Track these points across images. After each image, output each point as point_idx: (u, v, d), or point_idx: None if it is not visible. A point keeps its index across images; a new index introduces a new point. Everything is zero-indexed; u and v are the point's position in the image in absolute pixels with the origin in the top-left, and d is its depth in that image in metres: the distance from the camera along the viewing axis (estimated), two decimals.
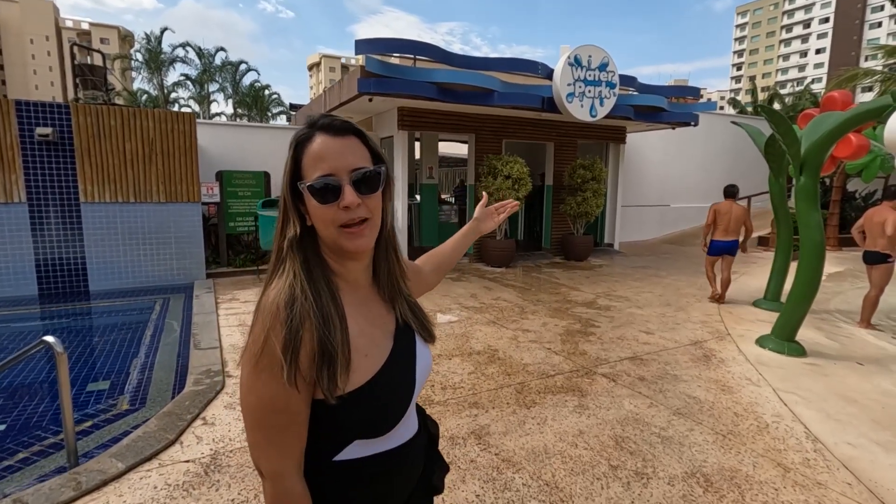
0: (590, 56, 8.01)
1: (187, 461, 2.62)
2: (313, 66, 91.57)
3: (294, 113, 12.49)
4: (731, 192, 6.40)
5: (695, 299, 6.63)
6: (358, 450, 0.86)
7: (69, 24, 74.83)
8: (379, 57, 6.87)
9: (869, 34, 72.70)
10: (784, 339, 4.54)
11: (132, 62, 36.02)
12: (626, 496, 2.39)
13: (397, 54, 7.28)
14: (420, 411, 1.07)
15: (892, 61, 13.31)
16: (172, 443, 2.77)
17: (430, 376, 3.80)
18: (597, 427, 3.06)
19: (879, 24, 71.34)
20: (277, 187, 8.30)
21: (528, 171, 8.52)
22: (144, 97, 36.68)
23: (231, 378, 3.74)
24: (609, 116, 8.63)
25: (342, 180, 0.82)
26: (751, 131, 6.31)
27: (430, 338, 1.02)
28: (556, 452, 2.76)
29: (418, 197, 10.23)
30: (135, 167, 6.68)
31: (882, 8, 71.56)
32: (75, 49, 18.54)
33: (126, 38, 55.01)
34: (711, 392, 3.63)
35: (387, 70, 6.80)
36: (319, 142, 0.83)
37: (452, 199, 12.14)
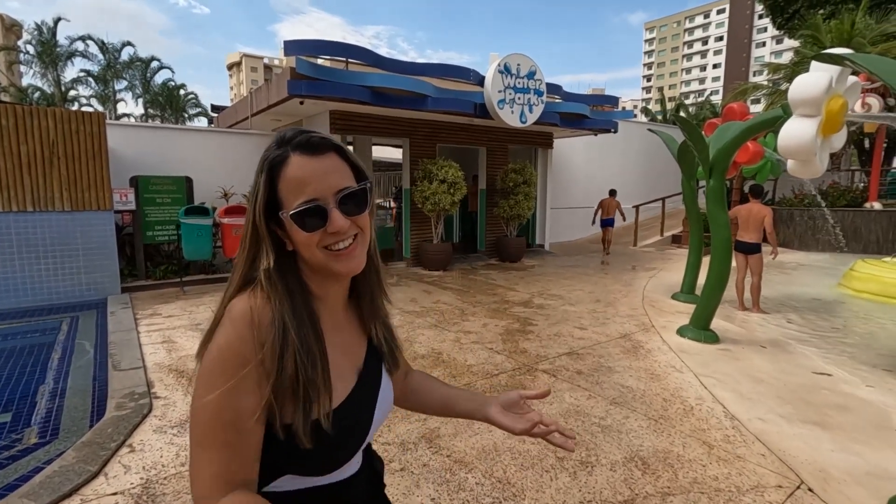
0: (518, 64, 8.31)
1: (115, 493, 2.39)
2: (233, 66, 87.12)
3: (216, 115, 11.83)
4: (612, 192, 10.99)
5: (621, 294, 7.07)
6: (288, 482, 0.80)
7: None
8: (309, 59, 6.69)
9: (756, 52, 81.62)
10: (700, 329, 4.97)
11: (21, 55, 32.25)
12: (573, 485, 2.50)
13: (327, 56, 7.13)
14: (366, 447, 0.98)
15: (776, 76, 15.04)
16: (96, 475, 2.52)
17: None
18: None
19: (764, 44, 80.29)
20: (201, 193, 7.83)
21: (463, 174, 8.67)
22: (37, 94, 33.04)
23: (159, 399, 3.46)
24: (537, 123, 8.99)
25: (328, 204, 0.75)
26: (665, 138, 6.85)
27: (395, 366, 0.97)
28: (505, 449, 2.83)
29: None
30: (32, 172, 6.00)
31: (765, 29, 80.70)
32: None
33: (12, 27, 49.13)
34: (642, 381, 3.89)
35: (318, 72, 6.64)
36: (297, 164, 0.75)
37: (387, 204, 12.06)
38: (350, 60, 7.27)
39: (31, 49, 30.68)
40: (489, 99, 8.13)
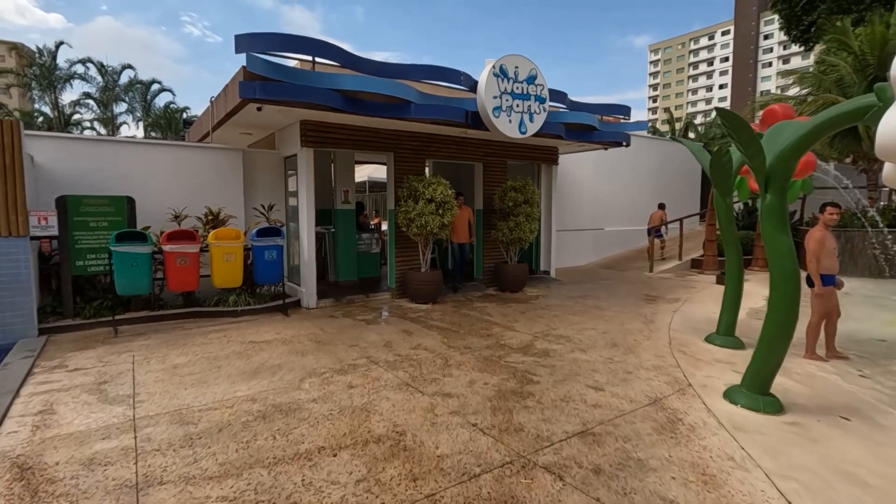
0: (516, 67, 7.26)
1: None
2: None
3: (188, 129, 10.92)
4: (661, 206, 12.83)
5: (642, 336, 5.81)
6: None
7: None
8: (267, 57, 5.66)
9: (762, 72, 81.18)
10: (757, 393, 3.72)
11: (20, 78, 32.04)
12: None
13: (292, 56, 6.12)
14: None
15: (803, 88, 13.84)
16: None
17: (297, 495, 2.54)
18: None
19: (770, 64, 79.83)
20: (147, 216, 6.77)
21: (454, 193, 7.55)
22: (40, 119, 32.80)
23: None
24: (540, 134, 7.90)
25: None
26: (692, 147, 5.72)
27: None
28: None
29: (334, 227, 8.95)
30: None
31: (771, 50, 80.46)
32: None
33: (18, 51, 49.49)
34: (691, 488, 2.63)
35: (275, 72, 5.60)
36: None
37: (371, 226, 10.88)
38: (318, 60, 6.24)
39: (28, 72, 30.40)
40: (483, 106, 7.05)
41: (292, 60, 7.28)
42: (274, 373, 4.47)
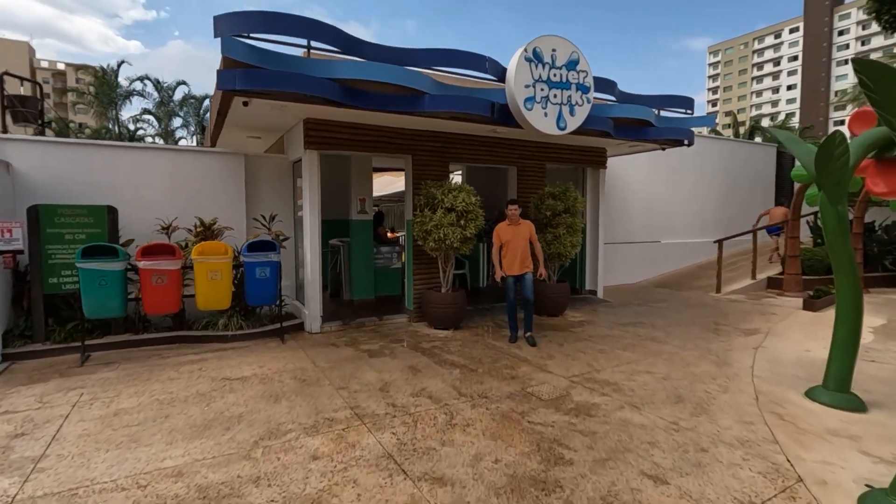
0: (554, 50, 6.09)
1: None
2: None
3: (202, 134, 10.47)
4: (781, 202, 12.20)
5: (716, 385, 4.43)
6: None
7: (44, 64, 73.37)
8: (249, 39, 4.82)
9: (836, 70, 74.73)
10: None
11: (87, 97, 34.00)
12: None
13: (282, 41, 5.24)
14: None
15: None
16: None
17: None
18: None
19: (846, 62, 73.36)
20: (134, 227, 6.13)
21: (480, 200, 6.44)
22: (107, 135, 34.69)
23: None
24: (583, 132, 6.67)
25: None
26: (785, 137, 4.34)
27: None
28: None
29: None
30: None
31: (847, 46, 74.01)
32: (4, 78, 16.52)
33: (93, 71, 53.24)
34: None
35: (257, 57, 4.74)
36: None
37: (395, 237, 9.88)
38: (316, 46, 5.34)
39: (92, 90, 32.17)
40: (512, 97, 5.93)
41: (298, 51, 6.46)
42: (229, 427, 3.51)
